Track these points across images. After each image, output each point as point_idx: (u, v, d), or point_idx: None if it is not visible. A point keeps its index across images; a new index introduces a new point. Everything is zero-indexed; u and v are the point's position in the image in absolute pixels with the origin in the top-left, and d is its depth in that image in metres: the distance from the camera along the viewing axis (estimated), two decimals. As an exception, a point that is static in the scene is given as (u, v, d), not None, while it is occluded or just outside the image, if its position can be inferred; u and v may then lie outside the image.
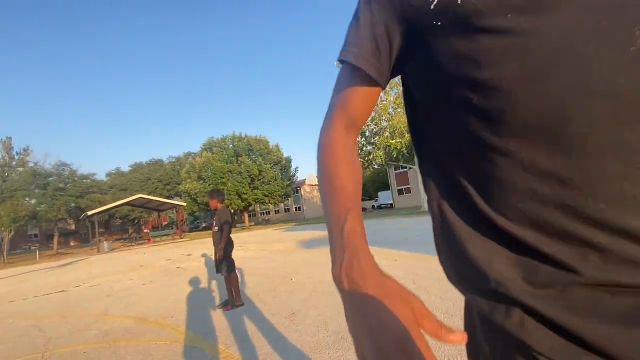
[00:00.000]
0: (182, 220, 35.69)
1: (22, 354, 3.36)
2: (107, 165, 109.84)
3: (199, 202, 30.21)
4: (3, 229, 20.90)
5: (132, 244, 24.44)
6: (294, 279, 5.26)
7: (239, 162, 30.36)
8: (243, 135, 33.27)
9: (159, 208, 30.77)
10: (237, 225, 32.76)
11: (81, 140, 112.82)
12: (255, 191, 31.01)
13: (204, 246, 14.83)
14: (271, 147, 33.83)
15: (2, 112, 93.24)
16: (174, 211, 36.64)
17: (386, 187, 49.42)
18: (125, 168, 48.19)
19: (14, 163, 26.40)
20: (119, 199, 29.71)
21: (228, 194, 28.71)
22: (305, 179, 44.33)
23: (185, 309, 4.37)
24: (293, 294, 4.37)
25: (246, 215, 34.32)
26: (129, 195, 31.71)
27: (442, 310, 3.07)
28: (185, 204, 29.61)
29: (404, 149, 21.08)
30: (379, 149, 22.91)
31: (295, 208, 45.99)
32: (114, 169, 49.53)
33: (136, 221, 47.90)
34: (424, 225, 12.69)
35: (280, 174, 32.62)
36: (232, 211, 31.00)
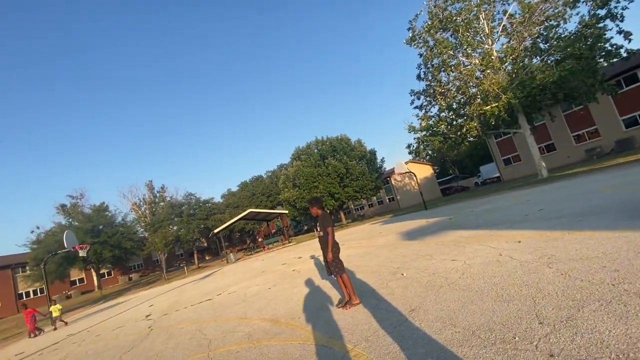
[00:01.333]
0: (287, 226, 38.86)
1: (194, 353, 4.18)
2: (220, 188, 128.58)
3: (297, 207, 32.47)
4: (159, 252, 26.47)
5: (251, 253, 27.84)
6: (404, 274, 5.16)
7: (326, 164, 31.46)
8: (325, 139, 34.39)
9: (266, 218, 34.31)
10: (335, 224, 33.98)
11: (198, 170, 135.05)
12: (346, 189, 31.61)
13: (309, 248, 15.85)
14: (353, 144, 34.03)
15: (141, 161, 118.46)
16: (279, 219, 40.31)
17: (488, 159, 44.10)
18: (234, 188, 55.38)
19: (156, 200, 33.18)
20: (234, 216, 34.43)
21: (321, 195, 30.06)
22: (393, 168, 43.03)
23: (308, 309, 4.74)
24: (407, 289, 4.29)
25: (342, 213, 35.26)
26: (241, 211, 36.39)
27: (595, 297, 2.57)
28: (287, 211, 32.20)
29: (502, 112, 18.47)
30: (471, 119, 20.63)
31: (389, 199, 45.07)
32: (226, 190, 57.45)
33: (250, 232, 54.48)
34: (546, 195, 10.86)
35: (367, 168, 32.51)
36: (328, 211, 32.29)
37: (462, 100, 22.16)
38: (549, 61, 20.01)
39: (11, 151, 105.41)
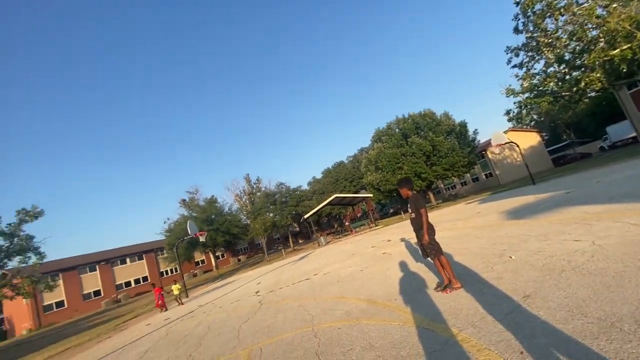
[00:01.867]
0: (372, 210, 38.76)
1: (300, 326, 4.60)
2: (306, 177, 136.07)
3: (382, 190, 31.93)
4: (260, 237, 29.64)
5: (339, 236, 28.82)
6: (513, 257, 4.62)
7: (409, 143, 29.91)
8: (406, 116, 32.62)
9: (351, 202, 34.87)
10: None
11: (283, 161, 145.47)
12: (434, 167, 29.60)
13: (398, 230, 15.52)
14: (439, 118, 31.40)
15: (239, 158, 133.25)
16: (364, 202, 40.51)
17: (618, 117, 35.34)
18: (318, 175, 57.67)
19: (253, 190, 37.00)
20: (321, 201, 36.05)
21: (406, 176, 28.85)
22: (489, 140, 38.33)
23: (405, 292, 4.69)
24: (518, 274, 3.84)
25: (430, 194, 33.27)
26: (326, 197, 37.86)
27: None
28: (371, 195, 32.04)
29: (638, 55, 14.50)
30: (592, 69, 16.77)
31: (485, 175, 40.49)
32: (311, 178, 60.30)
33: (337, 216, 56.30)
34: None
35: (457, 143, 29.70)
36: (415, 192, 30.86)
37: (578, 48, 18.11)
38: None
39: (141, 159, 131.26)
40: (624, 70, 15.79)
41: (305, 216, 28.90)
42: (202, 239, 17.35)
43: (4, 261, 14.48)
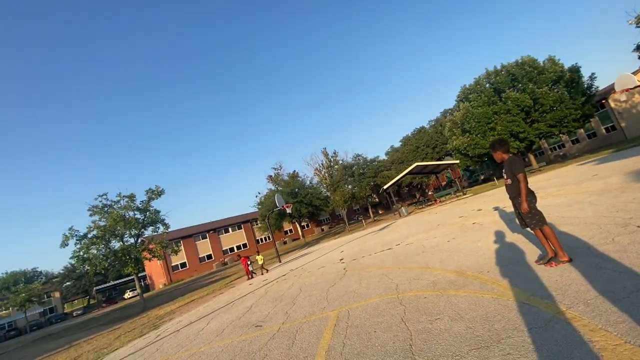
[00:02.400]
0: (459, 177, 35.85)
1: (384, 293, 4.73)
2: (383, 146, 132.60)
3: (470, 155, 29.10)
4: (340, 208, 30.59)
5: (422, 207, 27.71)
6: (644, 226, 3.81)
7: (503, 99, 26.10)
8: (499, 68, 28.30)
9: (435, 171, 32.78)
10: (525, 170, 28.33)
11: (363, 132, 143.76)
12: (535, 125, 25.44)
13: (490, 199, 14.14)
14: (542, 65, 26.36)
15: (316, 130, 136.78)
16: (449, 170, 37.73)
17: None
18: (396, 144, 55.49)
19: (331, 164, 37.90)
20: (400, 171, 34.87)
21: (500, 137, 25.55)
22: (612, 85, 30.79)
23: (500, 264, 4.35)
24: (651, 247, 3.17)
25: (531, 156, 28.91)
26: (406, 166, 36.42)
27: None
28: (457, 161, 29.57)
29: None
30: None
31: (606, 129, 33.02)
32: (389, 147, 58.41)
33: (419, 186, 53.91)
34: None
35: (566, 93, 24.71)
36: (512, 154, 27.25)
37: None
38: None
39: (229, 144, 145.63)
40: None
41: (385, 187, 28.46)
42: (288, 210, 18.85)
43: (142, 230, 18.32)
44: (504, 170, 3.88)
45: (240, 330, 5.39)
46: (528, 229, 3.80)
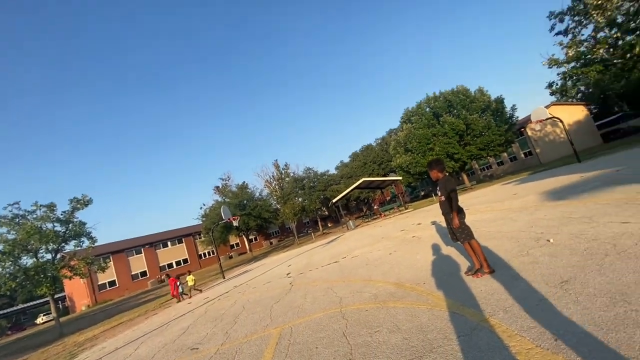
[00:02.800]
0: (402, 193, 38.10)
1: (328, 307, 4.72)
2: (333, 161, 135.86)
3: (412, 173, 31.17)
4: (290, 221, 30.34)
5: (368, 220, 28.75)
6: (551, 240, 4.37)
7: (441, 123, 28.67)
8: (438, 94, 31.14)
9: (380, 186, 34.41)
10: (457, 188, 31.16)
11: (313, 146, 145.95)
12: (468, 147, 28.27)
13: (429, 214, 15.18)
14: (473, 95, 29.64)
15: (268, 143, 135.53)
16: (393, 185, 39.89)
17: (683, 84, 31.41)
18: (346, 159, 57.30)
19: (282, 176, 37.72)
20: (349, 186, 35.91)
21: (437, 158, 27.86)
22: (529, 116, 35.74)
23: (435, 275, 4.63)
24: (556, 258, 3.64)
25: (464, 175, 31.95)
26: (355, 181, 37.67)
27: None
28: (400, 178, 31.41)
29: None
30: (651, 33, 14.89)
31: (524, 154, 38.03)
32: (339, 162, 60.03)
33: (365, 200, 56.00)
34: None
35: (492, 120, 28.03)
36: (447, 174, 29.79)
37: (632, 8, 16.08)
38: None
39: (177, 150, 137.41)
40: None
41: (334, 200, 29.05)
42: (235, 223, 18.09)
43: (62, 245, 16.04)
44: (438, 188, 4.18)
45: (174, 355, 4.93)
46: (458, 242, 4.12)
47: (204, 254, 50.96)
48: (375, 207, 35.66)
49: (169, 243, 48.35)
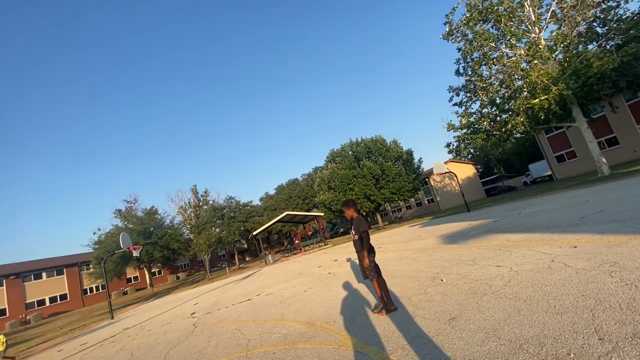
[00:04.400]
0: (323, 229, 39.05)
1: (234, 352, 4.32)
2: (258, 192, 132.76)
3: (333, 209, 32.46)
4: (203, 253, 27.92)
5: (288, 255, 28.34)
6: (444, 280, 4.92)
7: (361, 166, 31.13)
8: (359, 140, 34.07)
9: (303, 220, 34.75)
10: (372, 227, 33.41)
11: (237, 175, 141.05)
12: (382, 190, 31.01)
13: (345, 251, 15.76)
14: (389, 144, 33.31)
15: (186, 167, 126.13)
16: (315, 221, 40.67)
17: (538, 156, 40.90)
18: (271, 191, 56.85)
19: (200, 203, 35.13)
20: (272, 218, 35.34)
21: (357, 197, 29.75)
22: (432, 168, 41.51)
23: (344, 313, 4.70)
24: (447, 296, 4.08)
25: (378, 216, 34.62)
26: (278, 214, 37.29)
27: (671, 313, 2.25)
28: (322, 214, 32.34)
29: (553, 105, 17.03)
30: (517, 114, 19.23)
31: (428, 200, 43.43)
32: (264, 193, 59.15)
33: (288, 234, 55.54)
34: (608, 195, 9.79)
35: (403, 169, 31.65)
36: (364, 213, 31.89)
37: (507, 94, 20.78)
38: (607, 46, 18.14)
39: (75, 159, 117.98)
40: (542, 117, 18.39)
41: (255, 232, 28.04)
42: (135, 253, 15.79)
43: None
44: (352, 227, 4.40)
45: None
46: (368, 279, 4.32)
47: (91, 288, 42.68)
48: (296, 241, 35.53)
49: (43, 274, 39.29)
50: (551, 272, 3.87)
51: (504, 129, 20.30)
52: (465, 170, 44.14)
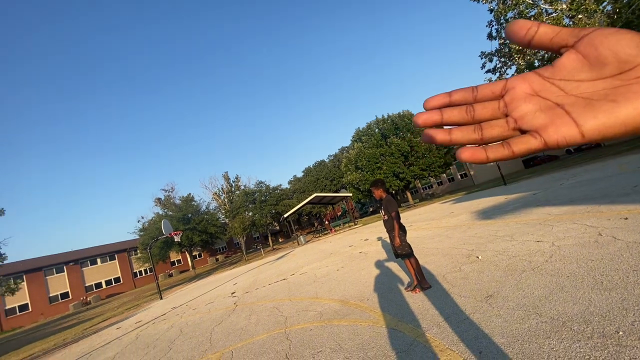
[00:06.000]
0: (352, 209, 39.19)
1: (273, 328, 4.57)
2: (287, 175, 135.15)
3: (361, 189, 32.35)
4: (238, 236, 29.22)
5: (319, 235, 28.89)
6: (480, 257, 4.80)
7: (388, 144, 30.46)
8: (386, 117, 33.15)
9: (331, 201, 35.01)
10: (402, 205, 33.00)
11: (267, 160, 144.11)
12: (412, 167, 30.29)
13: (376, 230, 15.76)
14: (417, 119, 32.14)
15: (218, 154, 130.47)
16: (344, 202, 40.85)
17: (582, 122, 37.59)
18: (299, 174, 57.58)
19: (232, 189, 36.41)
20: (301, 200, 35.97)
21: (385, 176, 29.34)
22: (464, 142, 39.62)
23: (377, 291, 4.77)
24: (483, 274, 4.00)
25: (408, 193, 34.02)
26: (307, 196, 37.87)
27: None
28: (351, 194, 32.36)
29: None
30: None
31: (461, 175, 41.87)
32: (292, 177, 60.07)
33: (317, 215, 56.42)
34: (666, 161, 8.89)
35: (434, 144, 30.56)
36: (393, 192, 31.48)
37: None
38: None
39: (117, 154, 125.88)
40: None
41: (285, 215, 28.76)
42: (177, 238, 16.87)
43: (-41, 263, 13.48)
44: (381, 207, 4.37)
45: (92, 392, 4.32)
46: (400, 258, 4.32)
47: (140, 272, 46.48)
48: (326, 222, 36.04)
49: (98, 260, 43.27)
50: (598, 247, 3.64)
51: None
52: (501, 142, 41.72)
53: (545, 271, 3.42)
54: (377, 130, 32.82)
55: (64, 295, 38.79)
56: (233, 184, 36.80)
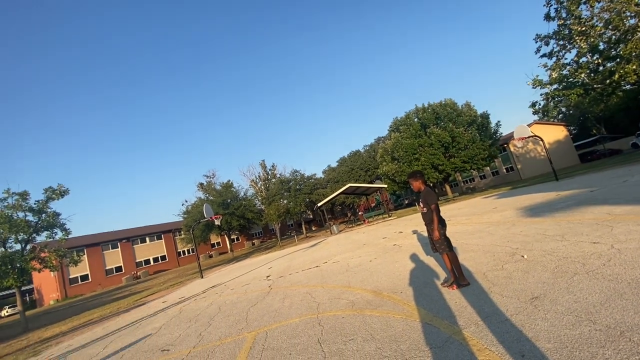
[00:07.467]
0: (387, 200, 38.51)
1: (305, 313, 4.69)
2: (321, 165, 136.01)
3: (397, 181, 31.57)
4: (274, 222, 30.11)
5: (352, 225, 28.87)
6: (525, 256, 4.50)
7: (428, 134, 29.23)
8: (426, 105, 31.76)
9: (365, 192, 34.69)
10: (440, 199, 31.77)
11: (302, 149, 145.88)
12: (452, 159, 28.89)
13: (411, 223, 15.39)
14: (460, 108, 30.38)
15: (256, 143, 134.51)
16: (378, 193, 40.27)
17: (655, 112, 33.27)
18: (334, 164, 57.55)
19: (268, 177, 37.43)
20: (335, 190, 36.09)
21: (422, 168, 28.32)
22: (512, 132, 36.92)
23: (412, 285, 4.68)
24: (528, 274, 3.75)
25: (447, 187, 32.60)
26: (341, 186, 37.87)
27: None
28: (386, 185, 31.76)
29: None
30: (628, 61, 15.68)
31: (506, 169, 39.21)
32: (326, 166, 60.30)
33: (351, 205, 56.31)
34: None
35: (477, 135, 28.76)
36: (432, 184, 30.37)
37: (614, 37, 16.93)
38: None
39: (164, 144, 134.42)
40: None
41: (319, 204, 29.04)
42: (217, 222, 17.79)
43: (33, 236, 15.32)
44: (420, 199, 4.24)
45: (143, 356, 4.78)
46: (438, 252, 4.19)
47: (183, 251, 49.91)
48: (359, 213, 35.87)
49: (147, 239, 47.12)
50: (669, 252, 3.24)
51: (608, 81, 16.82)
52: (554, 133, 38.26)
53: (602, 275, 3.13)
54: (416, 119, 31.60)
55: (118, 269, 42.89)
56: (269, 172, 37.78)
